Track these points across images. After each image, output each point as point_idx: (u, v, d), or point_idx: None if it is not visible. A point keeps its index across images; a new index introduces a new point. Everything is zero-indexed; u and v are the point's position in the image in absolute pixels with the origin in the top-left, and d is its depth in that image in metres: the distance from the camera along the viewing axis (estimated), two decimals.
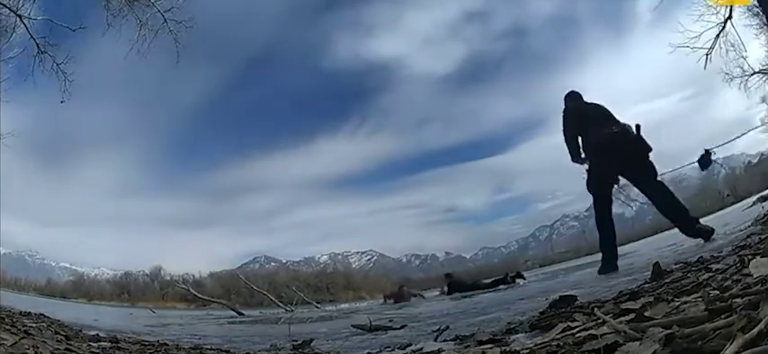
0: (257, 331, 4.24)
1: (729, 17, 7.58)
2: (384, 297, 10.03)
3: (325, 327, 4.01)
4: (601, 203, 4.50)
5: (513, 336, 1.73)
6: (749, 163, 14.29)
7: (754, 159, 13.98)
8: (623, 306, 1.48)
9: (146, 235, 16.06)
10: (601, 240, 4.43)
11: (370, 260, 18.39)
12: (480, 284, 8.07)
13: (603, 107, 4.74)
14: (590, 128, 4.62)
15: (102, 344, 2.22)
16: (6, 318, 2.60)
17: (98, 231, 15.27)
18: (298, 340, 2.52)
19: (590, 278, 4.24)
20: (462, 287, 8.19)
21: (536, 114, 15.43)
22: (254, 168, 17.70)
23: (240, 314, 7.67)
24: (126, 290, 15.48)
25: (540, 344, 1.30)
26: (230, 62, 17.04)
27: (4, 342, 1.64)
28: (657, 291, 1.73)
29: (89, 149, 15.50)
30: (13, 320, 2.62)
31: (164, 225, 17.69)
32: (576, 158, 4.68)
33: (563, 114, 4.85)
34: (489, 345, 1.57)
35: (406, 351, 1.99)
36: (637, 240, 10.38)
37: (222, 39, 14.18)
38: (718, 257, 2.27)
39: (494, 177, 17.99)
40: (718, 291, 1.28)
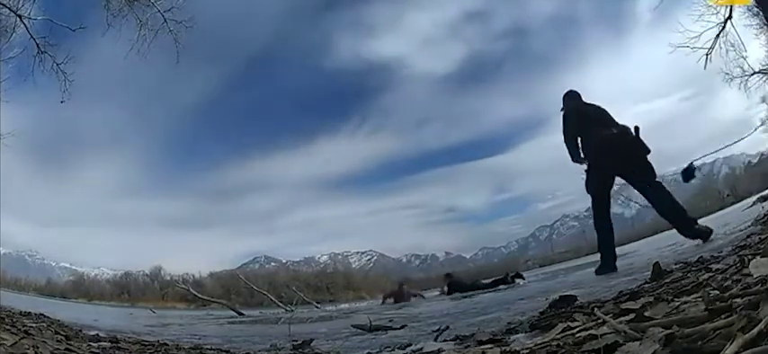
0: (257, 332, 4.23)
1: (729, 17, 7.60)
2: (384, 297, 9.99)
3: (325, 327, 4.00)
4: (599, 204, 4.51)
5: (513, 336, 1.74)
6: (749, 163, 14.33)
7: (754, 159, 14.01)
8: (623, 306, 1.49)
9: (146, 235, 16.01)
10: (599, 241, 4.45)
11: (370, 260, 18.39)
12: (480, 284, 8.06)
13: (603, 108, 4.77)
14: (590, 128, 4.64)
15: (103, 344, 2.22)
16: (6, 318, 2.60)
17: (98, 231, 15.23)
18: (298, 340, 2.52)
19: (590, 278, 4.24)
20: (462, 287, 8.18)
21: (536, 114, 15.39)
22: (254, 168, 17.66)
23: (240, 314, 7.65)
24: (126, 290, 15.47)
25: (540, 344, 1.30)
26: (230, 62, 16.94)
27: (4, 342, 1.64)
28: (657, 291, 1.73)
29: (89, 149, 15.50)
30: (13, 320, 2.62)
31: (164, 226, 17.63)
32: (576, 158, 4.69)
33: (563, 114, 4.86)
34: (489, 345, 1.57)
35: (406, 351, 1.99)
36: (637, 240, 10.42)
37: (222, 39, 14.15)
38: (718, 257, 2.27)
39: (494, 177, 17.95)
40: (718, 291, 1.28)
